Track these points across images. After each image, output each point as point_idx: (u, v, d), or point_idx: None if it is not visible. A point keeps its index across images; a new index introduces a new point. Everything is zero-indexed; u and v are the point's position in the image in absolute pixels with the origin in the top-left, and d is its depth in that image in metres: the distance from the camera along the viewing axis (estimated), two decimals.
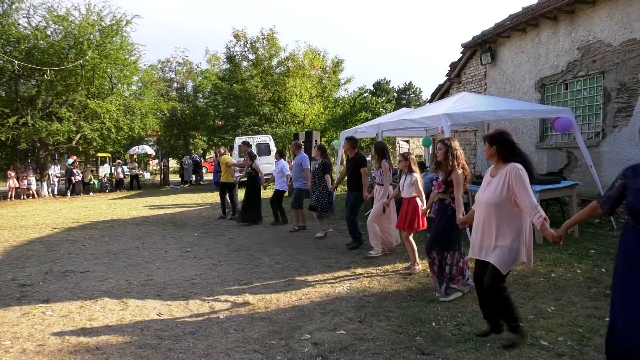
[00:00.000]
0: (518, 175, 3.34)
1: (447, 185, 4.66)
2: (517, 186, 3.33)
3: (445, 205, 4.71)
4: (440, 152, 4.70)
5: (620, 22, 8.52)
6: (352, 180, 7.26)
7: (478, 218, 3.61)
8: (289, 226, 9.37)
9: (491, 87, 12.22)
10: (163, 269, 6.42)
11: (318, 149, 8.48)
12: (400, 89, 59.33)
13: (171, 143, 28.61)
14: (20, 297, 5.28)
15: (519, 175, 3.34)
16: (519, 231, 3.42)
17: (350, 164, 7.32)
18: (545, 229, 3.15)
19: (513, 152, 3.49)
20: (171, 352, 3.65)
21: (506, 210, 3.42)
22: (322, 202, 8.11)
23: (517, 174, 3.35)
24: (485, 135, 3.69)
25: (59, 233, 9.85)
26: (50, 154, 20.63)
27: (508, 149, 3.50)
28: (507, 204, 3.40)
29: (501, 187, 3.41)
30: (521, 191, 3.30)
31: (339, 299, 4.82)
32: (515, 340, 3.47)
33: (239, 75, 25.46)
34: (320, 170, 8.09)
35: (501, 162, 3.51)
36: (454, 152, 4.61)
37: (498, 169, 3.53)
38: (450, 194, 4.65)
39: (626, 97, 8.51)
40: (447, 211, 4.68)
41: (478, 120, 8.08)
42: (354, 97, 26.76)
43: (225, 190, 11.08)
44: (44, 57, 17.72)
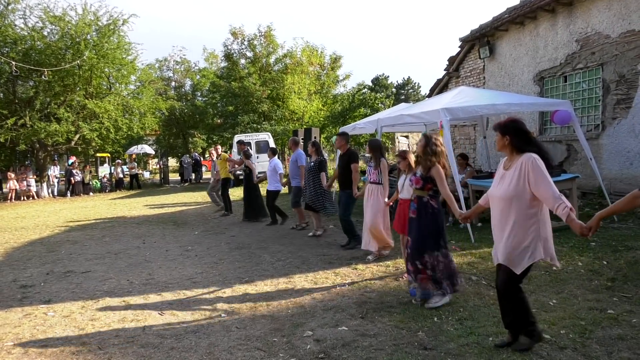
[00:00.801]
0: (535, 165, 3.08)
1: (425, 181, 4.43)
2: (535, 176, 3.06)
3: (424, 203, 4.46)
4: (419, 145, 4.52)
5: (618, 13, 8.49)
6: (343, 177, 7.03)
7: (494, 215, 3.34)
8: (290, 223, 9.36)
9: (490, 80, 12.20)
10: (164, 268, 6.42)
11: (312, 145, 8.22)
12: (398, 85, 59.26)
13: (170, 142, 28.57)
14: (21, 298, 5.28)
15: (537, 165, 3.08)
16: (535, 227, 3.15)
17: (342, 160, 7.10)
18: (571, 220, 2.91)
19: (528, 142, 3.23)
20: (173, 351, 3.65)
21: (523, 204, 3.14)
22: (319, 199, 7.91)
23: (535, 164, 3.08)
24: (496, 124, 3.37)
25: (60, 234, 9.85)
26: (50, 155, 20.61)
27: (523, 139, 3.23)
28: (524, 198, 3.13)
29: (517, 179, 3.14)
30: (540, 181, 3.04)
31: (340, 295, 4.82)
32: (529, 345, 3.30)
33: (237, 73, 25.40)
34: (316, 168, 7.91)
35: (515, 152, 3.25)
36: (433, 147, 4.39)
37: (512, 161, 3.25)
38: (428, 191, 4.44)
39: (625, 88, 8.49)
40: (428, 209, 4.44)
41: (477, 114, 8.07)
42: (352, 93, 26.69)
43: (225, 187, 11.28)
44: (41, 58, 17.68)
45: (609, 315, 3.87)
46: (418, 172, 4.54)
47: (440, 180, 4.33)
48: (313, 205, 7.95)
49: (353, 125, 11.38)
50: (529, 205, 3.13)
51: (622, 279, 4.76)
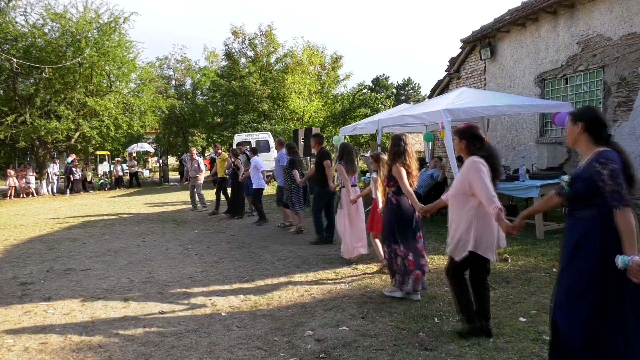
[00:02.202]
0: (475, 167, 3.39)
1: (389, 179, 4.72)
2: (473, 178, 3.38)
3: (388, 199, 4.75)
4: (389, 147, 4.80)
5: (620, 16, 8.50)
6: (317, 175, 7.40)
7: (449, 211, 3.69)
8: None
9: (491, 82, 12.20)
10: (164, 266, 6.42)
11: (286, 146, 8.62)
12: (399, 85, 59.26)
13: (170, 140, 28.54)
14: (21, 296, 5.27)
15: (476, 168, 3.38)
16: (471, 222, 3.43)
17: (315, 159, 7.60)
18: (500, 219, 3.19)
19: (480, 148, 3.54)
20: (174, 350, 3.65)
21: (463, 201, 3.50)
22: (293, 197, 8.31)
23: (475, 166, 3.40)
24: (456, 129, 3.74)
25: (59, 231, 9.84)
26: (49, 152, 20.59)
27: (476, 144, 3.54)
28: (464, 196, 3.48)
29: (461, 179, 3.51)
30: (476, 183, 3.35)
31: (341, 295, 4.82)
32: (463, 332, 3.59)
33: (237, 72, 25.40)
34: (288, 166, 8.29)
35: (468, 155, 3.56)
36: (396, 147, 4.63)
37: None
38: (391, 188, 4.68)
39: (626, 91, 8.49)
40: (389, 205, 4.72)
41: (478, 115, 8.07)
42: (352, 94, 26.70)
43: (221, 187, 11.53)
44: (41, 55, 17.67)
45: None
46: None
47: (399, 177, 4.54)
48: (287, 202, 8.46)
49: (354, 126, 11.38)
50: (468, 202, 3.47)
51: None
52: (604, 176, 2.41)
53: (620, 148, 2.57)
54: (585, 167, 2.54)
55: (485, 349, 3.38)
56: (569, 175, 2.66)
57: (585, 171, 2.54)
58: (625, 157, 2.52)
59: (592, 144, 2.58)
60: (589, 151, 2.58)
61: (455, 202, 3.58)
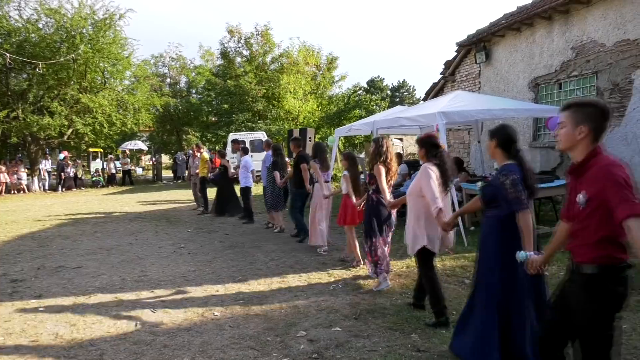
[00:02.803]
0: (425, 172, 3.89)
1: (370, 177, 5.09)
2: (422, 181, 3.88)
3: (369, 195, 5.14)
4: (370, 149, 5.21)
5: (614, 22, 8.58)
6: (294, 176, 7.86)
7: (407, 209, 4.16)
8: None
9: (485, 85, 12.27)
10: (157, 265, 6.39)
11: (272, 148, 8.84)
12: (394, 87, 59.39)
13: (164, 139, 28.45)
14: (12, 293, 5.23)
15: (427, 173, 3.87)
16: (423, 220, 3.91)
17: (293, 161, 7.99)
18: (438, 218, 3.68)
19: (435, 155, 4.02)
20: (166, 349, 3.64)
21: (417, 201, 3.97)
22: (273, 197, 8.60)
23: (425, 171, 3.90)
24: (418, 138, 4.34)
25: (51, 228, 9.77)
26: (42, 149, 20.44)
27: (432, 152, 4.04)
28: (417, 196, 3.96)
29: (415, 182, 4.03)
30: (425, 185, 3.83)
31: (334, 296, 4.83)
32: (433, 323, 3.91)
33: (232, 71, 25.35)
34: (271, 167, 8.56)
35: (424, 161, 4.08)
36: (379, 148, 5.00)
37: None
38: (372, 185, 5.05)
39: (619, 97, 8.58)
40: (369, 201, 5.12)
41: (473, 118, 8.12)
42: (348, 95, 26.73)
43: (204, 185, 11.63)
44: (35, 51, 17.55)
45: None
46: None
47: (378, 176, 4.92)
48: (268, 202, 8.75)
49: (349, 127, 11.40)
50: (421, 202, 3.92)
51: None
52: (506, 185, 2.91)
53: (524, 162, 3.07)
54: (494, 177, 3.10)
55: None
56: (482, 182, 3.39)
57: (493, 180, 3.12)
58: (527, 170, 3.03)
59: (505, 157, 3.08)
60: (502, 163, 3.09)
61: (411, 200, 4.06)
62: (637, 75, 8.17)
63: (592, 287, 2.18)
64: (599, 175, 2.11)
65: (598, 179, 2.11)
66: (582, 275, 2.21)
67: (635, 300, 4.37)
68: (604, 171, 2.10)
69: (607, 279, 2.15)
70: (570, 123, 2.26)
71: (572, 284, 2.30)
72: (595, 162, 2.17)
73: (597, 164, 2.15)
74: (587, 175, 2.18)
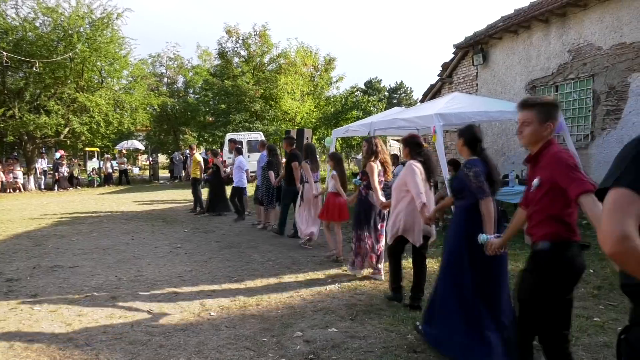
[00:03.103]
0: (410, 169, 4.21)
1: (363, 174, 5.40)
2: (408, 177, 4.21)
3: (360, 191, 5.46)
4: (364, 148, 5.49)
5: (610, 25, 8.62)
6: (286, 173, 8.23)
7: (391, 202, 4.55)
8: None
9: (482, 88, 12.30)
10: (153, 265, 6.37)
11: (267, 148, 9.09)
12: (391, 88, 59.44)
13: (161, 138, 28.37)
14: (7, 292, 5.20)
15: (412, 170, 4.19)
16: (405, 212, 4.26)
17: (286, 159, 8.38)
18: (422, 212, 4.04)
19: (419, 153, 4.38)
20: (162, 349, 3.63)
21: (400, 194, 4.33)
22: (267, 196, 8.83)
23: (410, 168, 4.22)
24: (402, 138, 4.66)
25: (47, 227, 9.73)
26: (38, 148, 20.35)
27: (416, 150, 4.40)
28: (401, 190, 4.32)
29: (401, 177, 4.34)
30: (410, 181, 4.17)
31: (330, 296, 4.83)
32: (391, 298, 4.52)
33: (230, 71, 25.31)
34: (266, 167, 8.81)
35: (409, 159, 4.41)
36: (373, 147, 5.32)
37: None
38: (364, 181, 5.36)
39: (615, 100, 8.62)
40: (359, 196, 5.46)
41: (470, 120, 8.11)
42: (345, 96, 26.74)
43: (196, 186, 11.74)
44: (32, 49, 17.46)
45: (595, 322, 3.93)
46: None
47: (370, 173, 5.20)
48: (261, 200, 8.97)
49: (346, 128, 11.42)
50: (404, 195, 4.28)
51: (608, 287, 4.83)
52: (470, 177, 3.26)
53: (487, 158, 3.44)
54: (460, 171, 3.49)
55: None
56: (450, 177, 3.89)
57: (460, 174, 3.49)
58: (490, 165, 3.40)
59: (470, 154, 3.45)
60: (467, 158, 3.47)
61: (395, 195, 4.41)
62: (634, 79, 8.21)
63: (538, 259, 2.42)
64: (551, 161, 2.38)
65: (550, 164, 2.38)
66: (535, 252, 2.46)
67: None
68: (556, 157, 2.36)
69: (555, 253, 2.37)
70: (536, 121, 2.46)
71: (528, 264, 2.52)
72: (547, 152, 2.44)
73: (549, 153, 2.42)
74: (541, 163, 2.45)
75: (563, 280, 2.39)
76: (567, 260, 2.37)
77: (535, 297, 2.42)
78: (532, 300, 2.44)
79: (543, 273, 2.38)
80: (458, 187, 3.47)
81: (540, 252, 2.41)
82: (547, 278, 2.37)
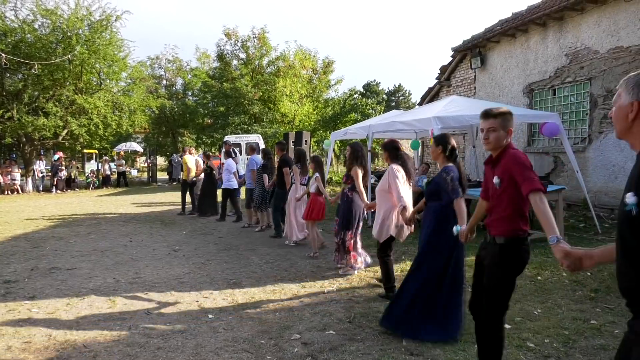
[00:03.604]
0: (392, 173, 4.56)
1: (347, 177, 5.79)
2: (390, 180, 4.55)
3: (344, 193, 5.81)
4: (347, 153, 5.86)
5: (607, 29, 8.67)
6: (277, 178, 8.49)
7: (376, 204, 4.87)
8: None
9: (480, 91, 12.35)
10: (151, 267, 6.37)
11: (262, 151, 9.44)
12: (389, 91, 59.51)
13: (159, 140, 28.34)
14: (5, 294, 5.20)
15: (393, 173, 4.54)
16: (389, 212, 4.58)
17: (277, 165, 8.62)
18: (403, 215, 4.42)
19: (397, 157, 4.73)
20: (160, 351, 3.63)
21: (384, 196, 4.65)
22: (259, 198, 9.06)
23: (393, 172, 4.56)
24: (383, 143, 5.09)
25: (45, 229, 9.72)
26: (36, 149, 20.33)
27: (394, 154, 4.76)
28: (386, 192, 4.62)
29: (384, 180, 4.65)
30: (392, 184, 4.52)
31: (328, 299, 4.84)
32: (385, 295, 4.75)
33: (229, 73, 25.33)
34: (260, 170, 9.04)
35: (390, 162, 4.76)
36: (357, 153, 5.71)
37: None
38: (348, 185, 5.75)
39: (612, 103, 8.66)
40: (344, 198, 5.79)
41: (468, 123, 8.17)
42: (343, 98, 26.77)
43: (185, 188, 11.79)
44: (31, 51, 17.47)
45: (592, 325, 3.94)
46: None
47: (355, 177, 5.60)
48: (256, 202, 9.14)
49: (344, 131, 11.44)
50: (389, 198, 4.60)
51: (605, 290, 4.85)
52: (448, 180, 3.70)
53: (459, 165, 3.89)
54: (437, 175, 3.85)
55: (469, 354, 3.42)
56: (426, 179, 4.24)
57: (437, 177, 3.85)
58: (461, 172, 3.85)
59: (446, 160, 3.89)
60: (443, 164, 3.89)
61: (379, 197, 4.72)
62: None
63: (502, 254, 2.77)
64: (508, 161, 2.72)
65: (508, 164, 2.72)
66: (495, 245, 2.80)
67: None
68: (512, 157, 2.72)
69: (514, 247, 2.76)
70: (500, 128, 2.82)
71: (487, 252, 2.89)
72: (507, 154, 2.78)
73: (508, 154, 2.77)
74: (500, 163, 2.79)
75: (519, 268, 2.80)
76: (524, 252, 2.78)
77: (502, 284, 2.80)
78: (498, 287, 2.81)
79: (505, 264, 2.77)
80: (433, 190, 3.86)
81: (502, 247, 2.77)
82: (510, 267, 2.78)
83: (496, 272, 2.80)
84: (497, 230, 2.80)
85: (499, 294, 2.81)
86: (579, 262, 1.93)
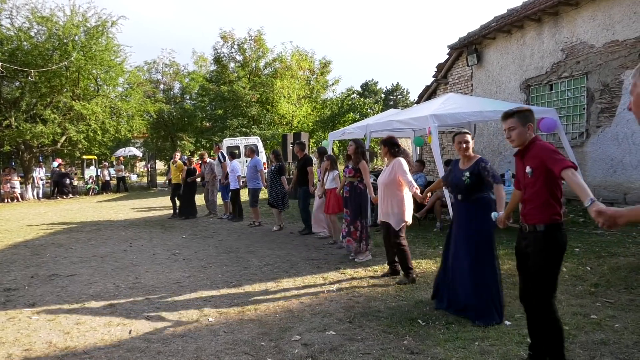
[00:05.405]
0: (400, 164, 5.12)
1: (355, 171, 6.30)
2: (399, 172, 5.10)
3: (354, 186, 6.34)
4: (350, 148, 6.34)
5: (602, 23, 8.67)
6: (300, 177, 8.83)
7: (380, 194, 5.33)
8: (270, 226, 9.64)
9: (477, 88, 12.35)
10: (151, 271, 6.37)
11: (272, 153, 9.84)
12: (387, 90, 59.60)
13: (158, 145, 28.35)
14: (5, 302, 5.19)
15: (401, 165, 5.12)
16: (401, 201, 5.13)
17: (299, 164, 9.01)
18: (416, 195, 4.97)
19: (397, 151, 5.28)
20: (160, 355, 3.63)
21: (393, 187, 5.15)
22: (280, 199, 9.23)
23: (399, 164, 5.13)
24: (382, 140, 5.47)
25: (45, 236, 9.72)
26: (35, 157, 20.34)
27: (395, 149, 5.29)
28: (394, 184, 5.14)
29: (389, 172, 5.17)
30: (402, 174, 5.09)
31: (328, 299, 4.83)
32: (406, 282, 5.17)
33: (226, 76, 25.35)
34: (276, 171, 9.30)
35: (390, 157, 5.29)
36: (362, 149, 6.28)
37: (389, 162, 5.32)
38: (357, 178, 6.31)
39: (609, 97, 8.66)
40: (357, 190, 6.32)
41: (465, 121, 8.15)
42: (341, 98, 26.78)
43: (176, 192, 12.04)
44: (27, 59, 17.49)
45: (592, 320, 3.94)
46: (350, 165, 6.41)
47: (364, 171, 6.22)
48: (275, 203, 9.26)
49: (342, 131, 11.44)
50: (397, 188, 5.16)
51: (605, 285, 4.85)
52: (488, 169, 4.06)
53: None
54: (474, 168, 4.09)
55: (470, 352, 3.41)
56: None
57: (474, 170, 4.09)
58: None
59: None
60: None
61: (388, 188, 5.17)
62: (627, 76, 8.25)
63: (545, 240, 2.92)
64: (538, 151, 2.94)
65: (538, 154, 2.93)
66: (537, 232, 2.95)
67: (627, 299, 4.41)
68: (541, 147, 2.94)
69: (554, 233, 2.92)
70: (519, 125, 3.03)
71: (528, 241, 3.03)
72: (534, 145, 2.99)
73: (535, 146, 2.98)
74: (529, 155, 2.99)
75: (562, 251, 2.95)
76: (562, 236, 2.94)
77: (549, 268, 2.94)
78: (545, 270, 2.94)
79: (549, 250, 2.92)
80: (476, 182, 4.03)
81: (542, 233, 2.93)
82: (552, 251, 2.92)
83: (543, 257, 2.93)
84: (536, 219, 2.96)
85: (547, 277, 2.94)
86: (613, 220, 2.10)
